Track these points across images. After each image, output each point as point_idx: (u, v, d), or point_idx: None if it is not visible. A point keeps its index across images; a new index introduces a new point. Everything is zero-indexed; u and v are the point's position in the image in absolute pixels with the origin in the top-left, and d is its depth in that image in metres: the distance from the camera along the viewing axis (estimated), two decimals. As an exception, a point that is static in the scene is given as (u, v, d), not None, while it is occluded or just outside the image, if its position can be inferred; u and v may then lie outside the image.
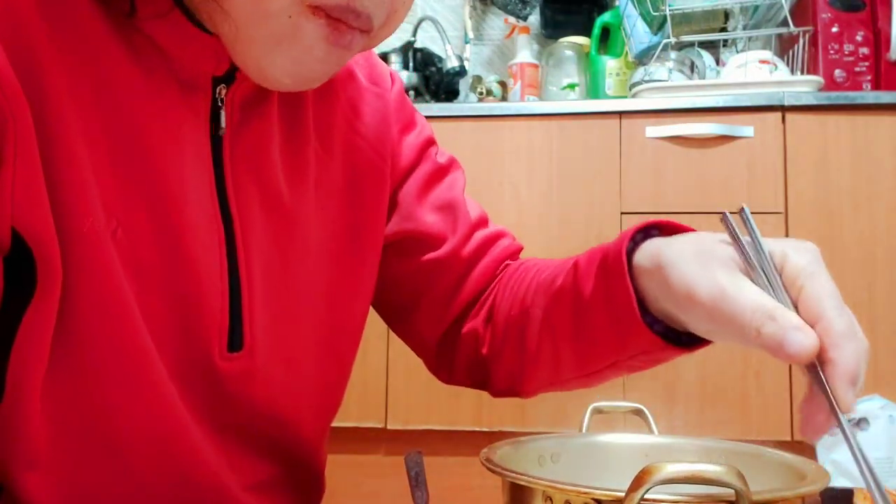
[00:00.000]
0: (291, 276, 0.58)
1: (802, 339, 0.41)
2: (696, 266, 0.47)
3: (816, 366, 0.42)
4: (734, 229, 0.47)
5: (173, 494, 0.53)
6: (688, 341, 0.53)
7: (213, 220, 0.53)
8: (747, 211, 0.47)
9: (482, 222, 0.71)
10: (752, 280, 0.45)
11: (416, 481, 0.64)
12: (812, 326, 0.42)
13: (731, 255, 0.47)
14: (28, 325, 0.46)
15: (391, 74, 0.69)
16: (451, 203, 0.69)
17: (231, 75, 0.53)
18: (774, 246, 0.46)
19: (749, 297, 0.44)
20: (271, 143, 0.57)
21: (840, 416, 0.41)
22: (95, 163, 0.47)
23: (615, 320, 0.54)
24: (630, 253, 0.53)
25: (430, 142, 0.72)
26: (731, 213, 0.48)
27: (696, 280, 0.46)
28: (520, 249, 0.73)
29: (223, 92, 0.53)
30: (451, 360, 0.71)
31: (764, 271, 0.45)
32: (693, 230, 0.54)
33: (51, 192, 0.45)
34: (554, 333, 0.61)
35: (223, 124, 0.53)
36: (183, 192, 0.51)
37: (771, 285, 0.45)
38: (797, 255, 0.45)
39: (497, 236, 0.72)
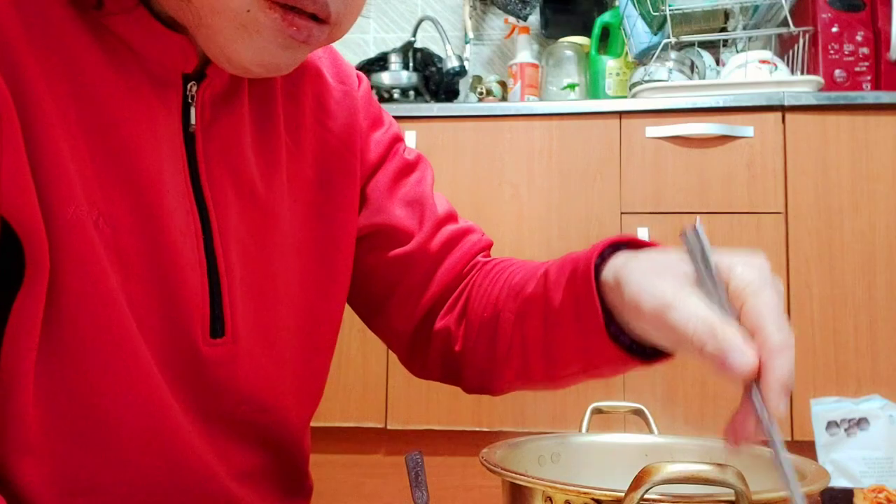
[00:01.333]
0: (268, 264, 0.60)
1: (742, 359, 0.43)
2: (646, 279, 0.49)
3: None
4: (690, 243, 0.48)
5: (164, 481, 0.54)
6: (652, 353, 0.56)
7: (188, 210, 0.55)
8: (698, 226, 0.48)
9: (450, 218, 0.73)
10: (701, 293, 0.47)
11: (417, 481, 0.64)
12: (752, 335, 0.44)
13: (685, 270, 0.48)
14: (18, 312, 0.47)
15: (357, 74, 0.71)
16: (419, 198, 0.71)
17: (202, 73, 0.55)
18: (723, 260, 0.48)
19: (691, 309, 0.45)
20: (243, 138, 0.59)
21: (769, 424, 0.43)
22: (75, 156, 0.48)
23: (582, 331, 0.56)
24: (598, 267, 0.55)
25: (397, 139, 0.74)
26: (689, 227, 0.49)
27: (642, 292, 0.48)
28: (489, 245, 0.74)
29: (193, 89, 0.55)
30: (425, 354, 0.72)
31: (711, 283, 0.47)
32: (657, 246, 0.56)
33: (35, 182, 0.46)
34: (524, 338, 0.63)
35: (193, 121, 0.55)
36: (160, 182, 0.53)
37: (717, 298, 0.46)
38: (744, 269, 0.47)
39: (465, 231, 0.73)
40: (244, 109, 0.59)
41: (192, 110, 0.55)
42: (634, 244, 0.57)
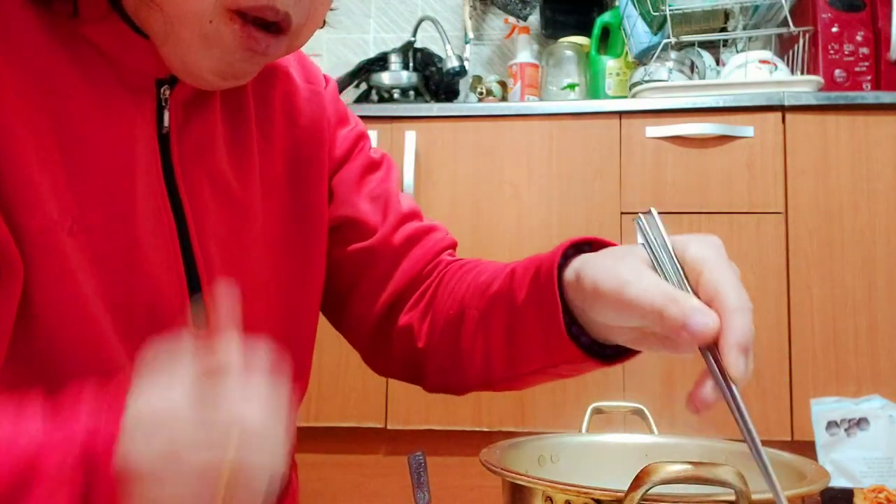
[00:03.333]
0: (246, 260, 0.62)
1: (704, 320, 0.44)
2: (604, 264, 0.51)
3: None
4: (644, 229, 0.51)
5: None
6: (612, 355, 0.57)
7: (162, 209, 0.56)
8: (654, 212, 0.51)
9: (414, 215, 0.74)
10: (658, 273, 0.48)
11: (419, 482, 0.64)
12: (710, 305, 0.45)
13: (642, 255, 0.50)
14: None
15: (325, 76, 0.74)
16: (384, 194, 0.72)
17: (174, 77, 0.57)
18: (678, 239, 0.50)
19: (648, 283, 0.47)
20: (216, 138, 0.60)
21: (726, 386, 0.44)
22: (47, 167, 0.49)
23: (543, 329, 0.57)
24: (562, 268, 0.57)
25: (363, 136, 0.75)
26: (643, 213, 0.52)
27: (600, 275, 0.51)
28: (454, 244, 0.76)
29: (167, 93, 0.57)
30: (387, 351, 0.73)
31: (668, 263, 0.49)
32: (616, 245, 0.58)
33: (2, 197, 0.47)
34: (487, 335, 0.63)
35: (167, 123, 0.57)
36: (132, 185, 0.54)
37: (674, 275, 0.48)
38: (699, 246, 0.49)
39: (429, 229, 0.74)
40: (216, 110, 0.61)
41: (166, 113, 0.57)
42: (598, 244, 0.58)
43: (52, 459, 0.39)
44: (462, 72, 2.17)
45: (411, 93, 2.14)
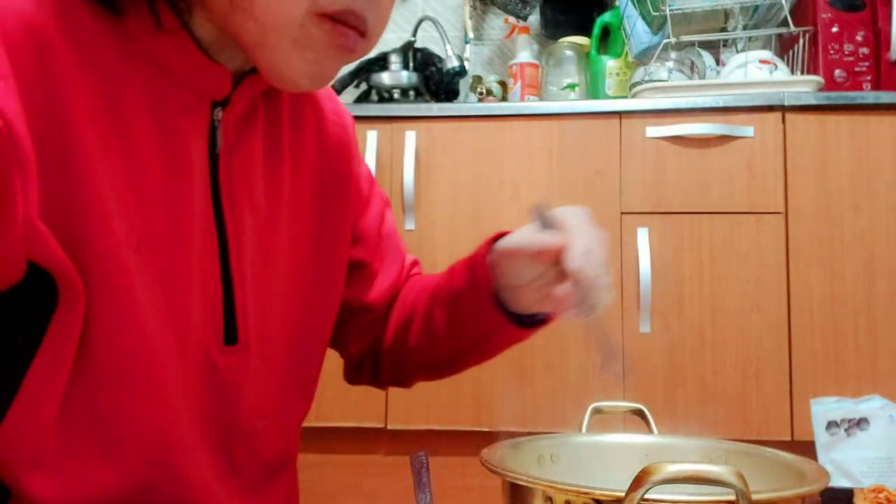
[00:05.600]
0: (270, 279, 0.64)
1: (552, 238, 0.62)
2: (506, 238, 0.68)
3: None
4: (535, 214, 0.65)
5: (169, 496, 0.56)
6: (529, 322, 0.70)
7: (208, 229, 0.58)
8: (542, 202, 0.66)
9: (404, 249, 0.82)
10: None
11: (420, 482, 0.64)
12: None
13: (531, 227, 0.66)
14: (54, 335, 0.49)
15: (348, 113, 0.78)
16: (394, 240, 0.81)
17: (227, 99, 0.58)
18: (556, 213, 0.65)
19: (524, 232, 0.65)
20: (256, 160, 0.62)
21: (575, 290, 0.59)
22: (114, 183, 0.50)
23: (476, 304, 0.70)
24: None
25: (371, 173, 0.81)
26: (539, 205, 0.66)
27: (501, 242, 0.68)
28: (416, 262, 0.85)
29: (219, 114, 0.58)
30: (363, 365, 0.81)
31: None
32: None
33: (70, 218, 0.48)
34: (430, 322, 0.74)
35: (219, 143, 0.58)
36: (191, 204, 0.56)
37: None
38: (565, 212, 0.65)
39: (413, 264, 0.83)
40: (259, 133, 0.63)
41: (219, 133, 0.58)
42: None
43: None
44: (462, 72, 2.16)
45: (411, 93, 2.14)
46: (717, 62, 2.05)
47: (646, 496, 0.41)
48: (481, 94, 2.28)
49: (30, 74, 0.46)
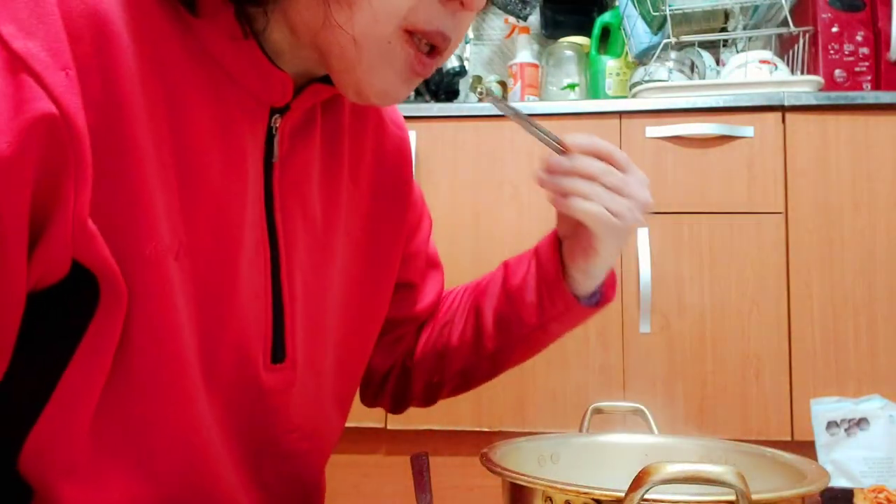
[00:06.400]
0: (321, 296, 0.62)
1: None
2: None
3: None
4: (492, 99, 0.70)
5: None
6: (592, 300, 0.71)
7: (259, 241, 0.56)
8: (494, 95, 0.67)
9: (441, 264, 0.81)
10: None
11: (421, 482, 0.64)
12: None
13: None
14: (91, 340, 0.47)
15: (404, 122, 0.76)
16: (437, 258, 0.78)
17: (286, 106, 0.56)
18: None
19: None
20: (312, 170, 0.60)
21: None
22: (165, 185, 0.49)
23: (544, 287, 0.70)
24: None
25: (421, 191, 0.79)
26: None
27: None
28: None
29: (277, 122, 0.56)
30: (388, 381, 0.81)
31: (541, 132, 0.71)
32: None
33: (118, 218, 0.46)
34: (479, 318, 0.74)
35: (276, 151, 0.56)
36: (242, 214, 0.54)
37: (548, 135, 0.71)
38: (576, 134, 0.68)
39: (442, 278, 0.82)
40: (316, 143, 0.61)
41: (276, 141, 0.56)
42: None
43: None
44: (462, 72, 2.16)
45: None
46: (717, 62, 2.05)
47: (646, 496, 0.41)
48: (481, 94, 2.28)
49: (89, 63, 0.44)
